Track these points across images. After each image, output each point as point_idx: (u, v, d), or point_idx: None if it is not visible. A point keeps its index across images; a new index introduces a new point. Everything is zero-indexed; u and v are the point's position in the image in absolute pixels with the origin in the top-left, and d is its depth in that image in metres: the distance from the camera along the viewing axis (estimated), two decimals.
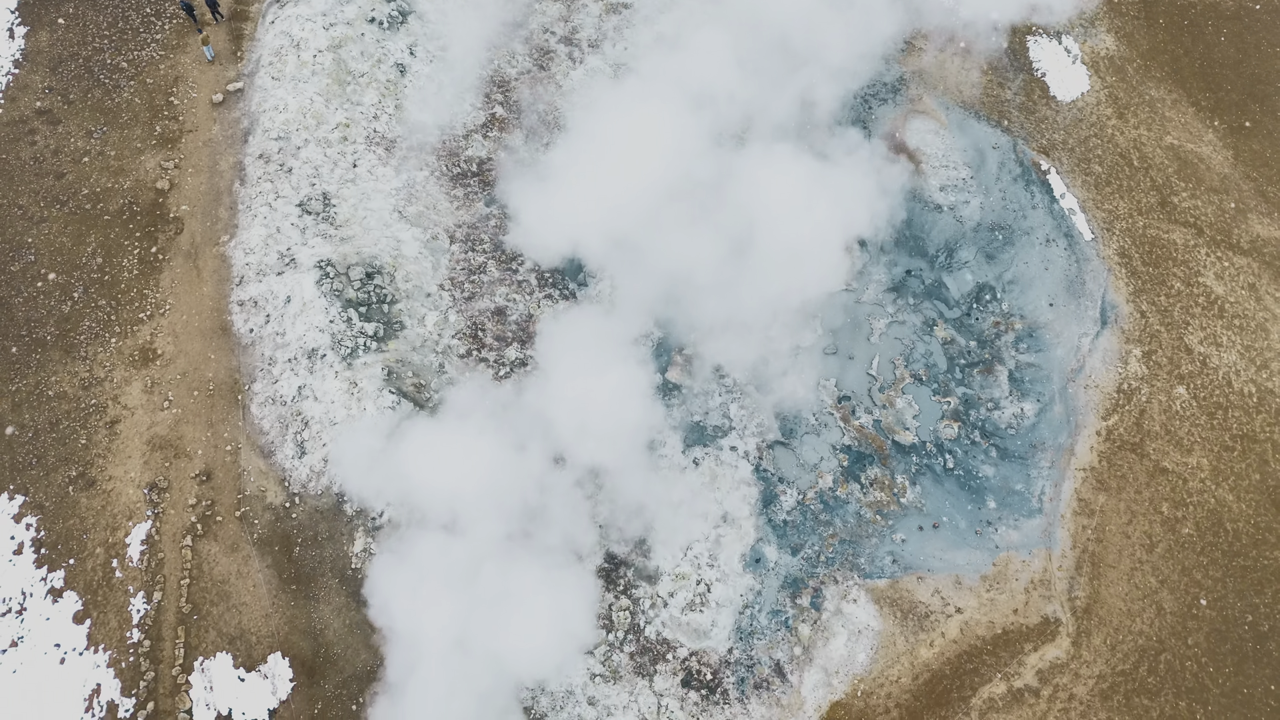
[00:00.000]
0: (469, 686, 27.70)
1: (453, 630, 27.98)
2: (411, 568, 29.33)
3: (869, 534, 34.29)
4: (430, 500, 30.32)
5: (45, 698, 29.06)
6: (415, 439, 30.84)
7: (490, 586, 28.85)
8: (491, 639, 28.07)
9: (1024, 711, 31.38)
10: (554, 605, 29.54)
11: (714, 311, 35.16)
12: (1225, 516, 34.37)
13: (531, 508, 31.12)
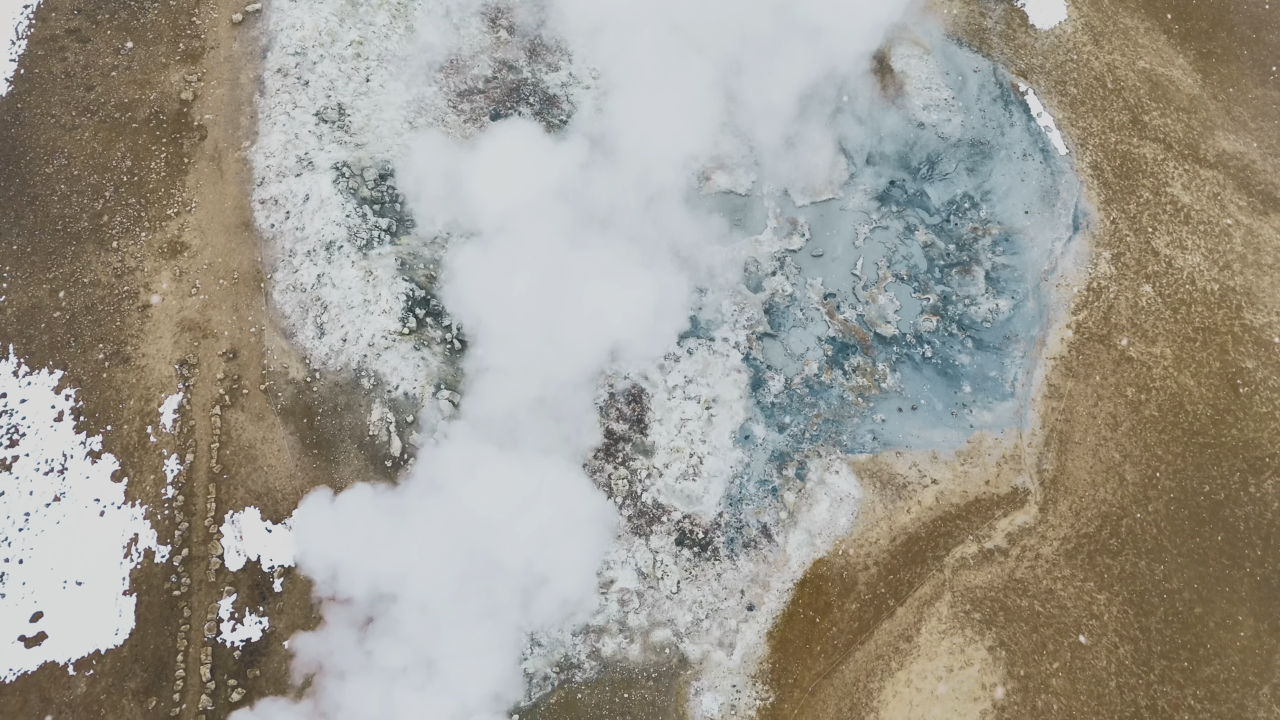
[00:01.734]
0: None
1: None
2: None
3: (851, 415, 38.87)
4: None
5: (87, 546, 33.50)
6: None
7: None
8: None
9: (994, 569, 35.89)
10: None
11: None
12: (1186, 399, 38.98)
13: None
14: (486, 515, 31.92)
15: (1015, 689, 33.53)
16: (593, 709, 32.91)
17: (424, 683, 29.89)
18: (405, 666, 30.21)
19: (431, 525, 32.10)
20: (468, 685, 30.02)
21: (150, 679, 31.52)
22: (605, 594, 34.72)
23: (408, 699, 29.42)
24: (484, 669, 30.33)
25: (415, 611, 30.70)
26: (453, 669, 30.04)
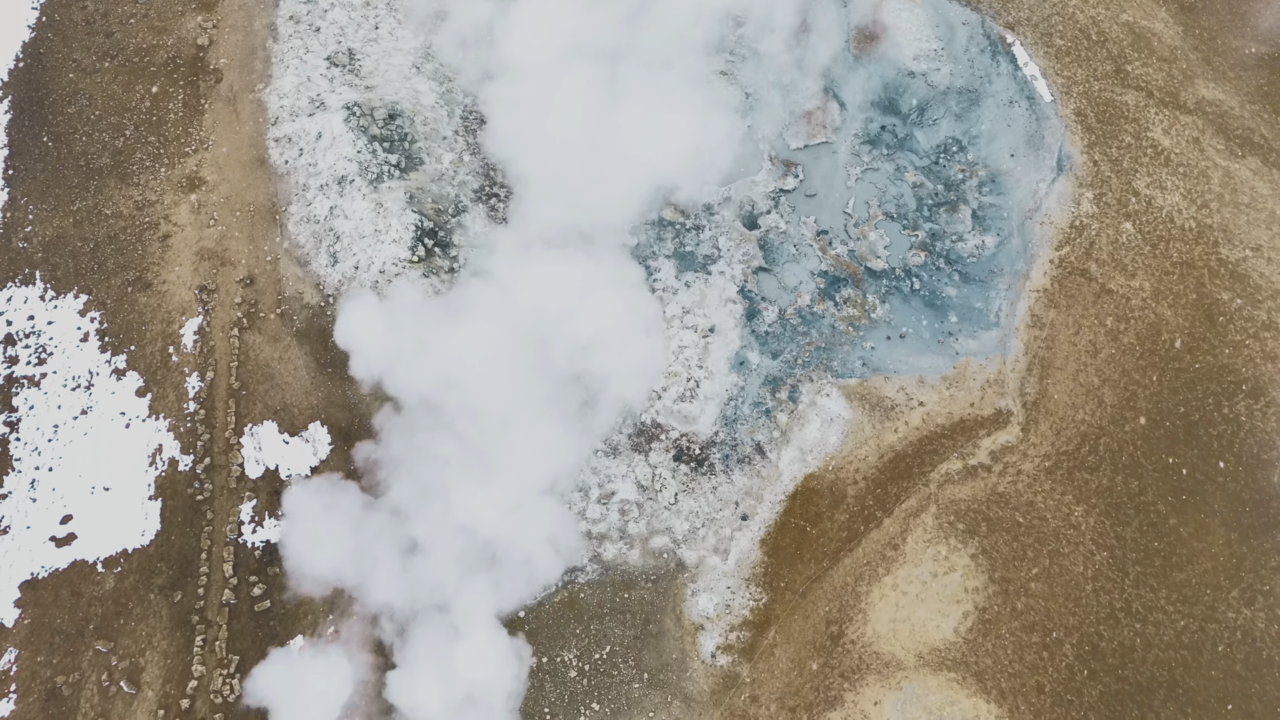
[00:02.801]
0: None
1: None
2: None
3: (842, 342, 42.03)
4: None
5: (113, 455, 36.56)
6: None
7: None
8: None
9: (977, 484, 39.00)
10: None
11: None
12: (1163, 328, 42.16)
13: None
14: None
15: (996, 592, 36.58)
16: (595, 607, 35.94)
17: (481, 477, 32.50)
18: (463, 462, 32.85)
19: None
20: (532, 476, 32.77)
21: (175, 575, 34.53)
22: (606, 504, 37.78)
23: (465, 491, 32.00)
24: (549, 461, 32.99)
25: (468, 412, 33.39)
26: (515, 462, 32.90)
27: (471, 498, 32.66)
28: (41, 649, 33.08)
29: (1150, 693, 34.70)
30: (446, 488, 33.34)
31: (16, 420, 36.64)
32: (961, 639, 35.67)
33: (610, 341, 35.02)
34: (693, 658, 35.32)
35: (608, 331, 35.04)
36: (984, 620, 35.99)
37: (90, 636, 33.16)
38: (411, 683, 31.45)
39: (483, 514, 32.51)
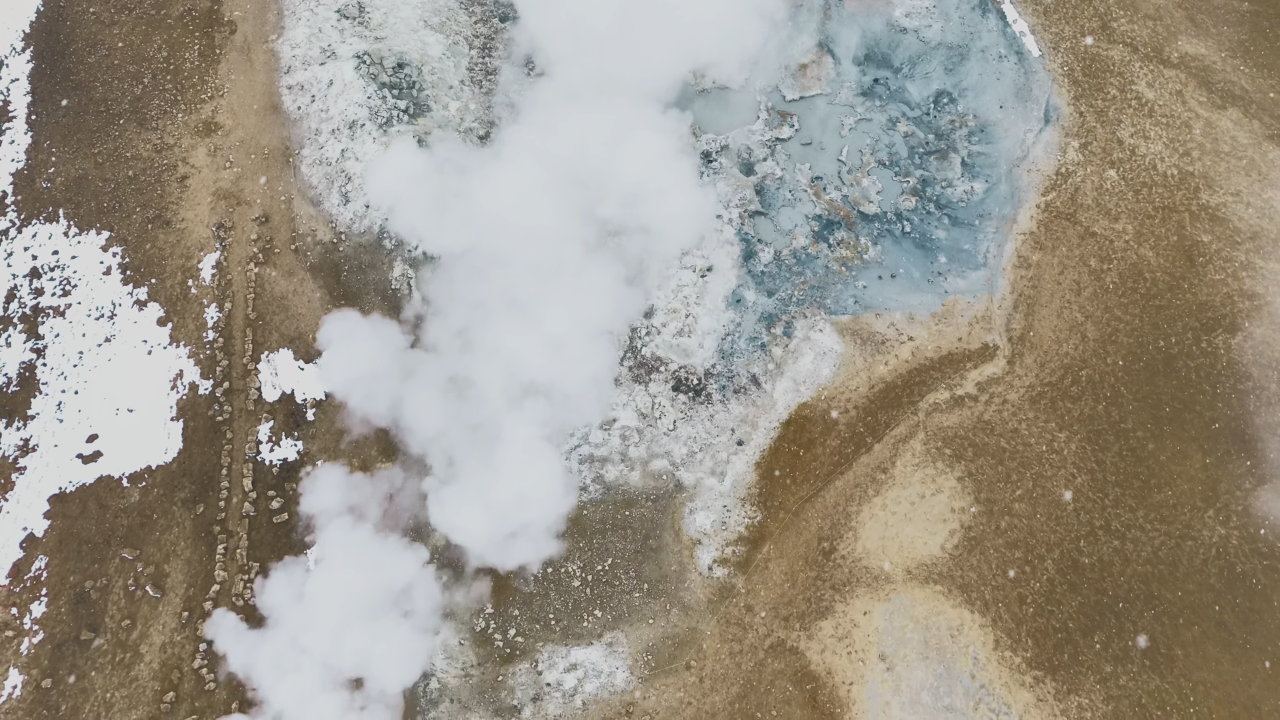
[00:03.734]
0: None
1: None
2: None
3: (835, 282, 44.91)
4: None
5: (136, 379, 39.37)
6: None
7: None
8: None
9: (963, 412, 41.83)
10: None
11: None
12: (1145, 269, 45.05)
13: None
14: None
15: (981, 512, 39.40)
16: (597, 523, 38.73)
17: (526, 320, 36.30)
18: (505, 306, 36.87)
19: None
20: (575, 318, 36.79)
21: (197, 490, 37.33)
22: (608, 430, 40.59)
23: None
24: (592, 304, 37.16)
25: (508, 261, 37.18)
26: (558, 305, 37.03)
27: (515, 338, 35.33)
28: (70, 556, 35.83)
29: (1128, 604, 37.45)
30: (489, 330, 36.06)
31: (43, 347, 39.42)
32: (947, 555, 38.43)
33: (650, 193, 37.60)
34: (690, 570, 38.08)
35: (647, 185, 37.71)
36: (969, 538, 38.76)
37: (116, 545, 35.89)
38: (456, 503, 33.93)
39: (528, 353, 35.21)
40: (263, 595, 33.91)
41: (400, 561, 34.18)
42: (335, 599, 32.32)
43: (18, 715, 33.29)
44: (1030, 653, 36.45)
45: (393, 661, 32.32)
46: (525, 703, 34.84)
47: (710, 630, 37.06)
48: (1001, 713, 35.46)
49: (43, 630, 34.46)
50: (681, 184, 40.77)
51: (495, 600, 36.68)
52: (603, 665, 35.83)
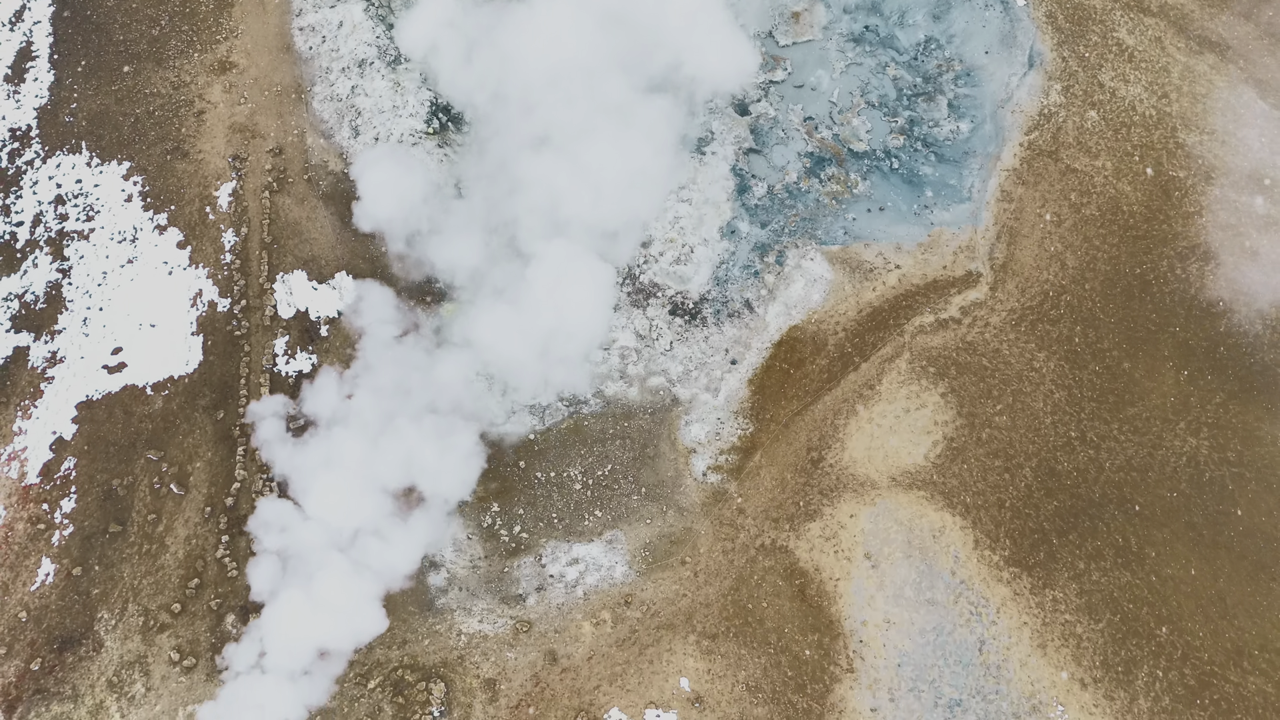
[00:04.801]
0: None
1: None
2: None
3: (825, 214, 48.35)
4: None
5: (158, 298, 42.71)
6: None
7: None
8: None
9: (948, 334, 45.23)
10: None
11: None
12: (1123, 202, 48.51)
13: None
14: None
15: (963, 425, 42.76)
16: (597, 433, 42.08)
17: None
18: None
19: None
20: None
21: (218, 397, 40.67)
22: (607, 350, 43.96)
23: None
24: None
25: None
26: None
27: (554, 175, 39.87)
28: (97, 457, 39.14)
29: (1102, 507, 40.81)
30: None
31: (69, 268, 42.80)
32: (931, 464, 41.80)
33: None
34: (686, 476, 41.42)
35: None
36: (951, 448, 42.14)
37: (142, 447, 39.20)
38: (495, 326, 38.30)
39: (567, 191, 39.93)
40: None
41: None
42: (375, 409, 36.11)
43: (50, 600, 36.53)
44: (1008, 551, 39.75)
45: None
46: (530, 592, 38.11)
47: (704, 530, 40.37)
48: (980, 606, 38.73)
49: (72, 524, 37.72)
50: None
51: (501, 500, 39.94)
52: (603, 560, 39.11)
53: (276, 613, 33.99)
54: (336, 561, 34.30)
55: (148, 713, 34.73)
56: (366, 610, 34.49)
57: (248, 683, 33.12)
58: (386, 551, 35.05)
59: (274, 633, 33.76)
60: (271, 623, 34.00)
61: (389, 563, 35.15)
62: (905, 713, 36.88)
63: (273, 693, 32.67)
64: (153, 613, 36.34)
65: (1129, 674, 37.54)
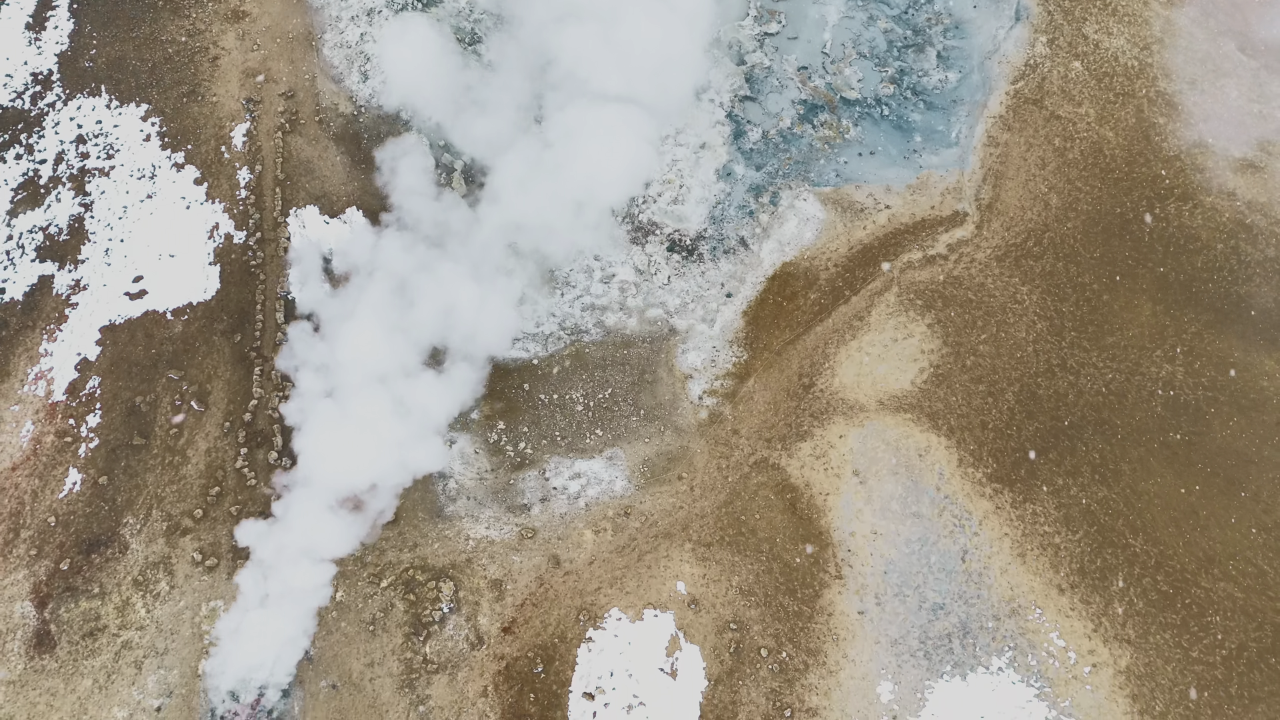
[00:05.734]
0: None
1: None
2: None
3: (818, 158, 51.44)
4: None
5: (177, 230, 45.72)
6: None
7: None
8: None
9: (935, 269, 48.30)
10: None
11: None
12: (1105, 146, 51.63)
13: None
14: None
15: (948, 353, 45.80)
16: (598, 360, 45.09)
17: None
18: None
19: None
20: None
21: (235, 322, 43.67)
22: (607, 284, 46.98)
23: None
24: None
25: None
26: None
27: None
28: (121, 376, 42.12)
29: (1080, 428, 43.83)
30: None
31: (91, 202, 45.79)
32: (917, 389, 44.83)
33: None
34: (682, 399, 44.43)
35: None
36: (937, 375, 45.17)
37: (163, 367, 42.18)
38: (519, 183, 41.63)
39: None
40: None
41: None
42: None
43: (78, 507, 39.49)
44: (990, 469, 42.77)
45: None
46: (534, 502, 41.09)
47: (700, 449, 43.37)
48: (963, 519, 41.74)
49: (98, 437, 40.68)
50: None
51: (506, 419, 42.94)
52: (603, 475, 42.11)
53: (325, 441, 37.15)
54: (381, 396, 37.37)
55: (172, 608, 37.62)
56: (423, 443, 38.30)
57: (298, 513, 35.90)
58: (427, 398, 38.55)
59: (323, 462, 36.93)
60: (321, 452, 37.15)
61: (427, 410, 38.57)
62: (891, 615, 39.80)
63: (320, 524, 35.78)
64: (175, 518, 39.25)
65: (1105, 580, 40.50)
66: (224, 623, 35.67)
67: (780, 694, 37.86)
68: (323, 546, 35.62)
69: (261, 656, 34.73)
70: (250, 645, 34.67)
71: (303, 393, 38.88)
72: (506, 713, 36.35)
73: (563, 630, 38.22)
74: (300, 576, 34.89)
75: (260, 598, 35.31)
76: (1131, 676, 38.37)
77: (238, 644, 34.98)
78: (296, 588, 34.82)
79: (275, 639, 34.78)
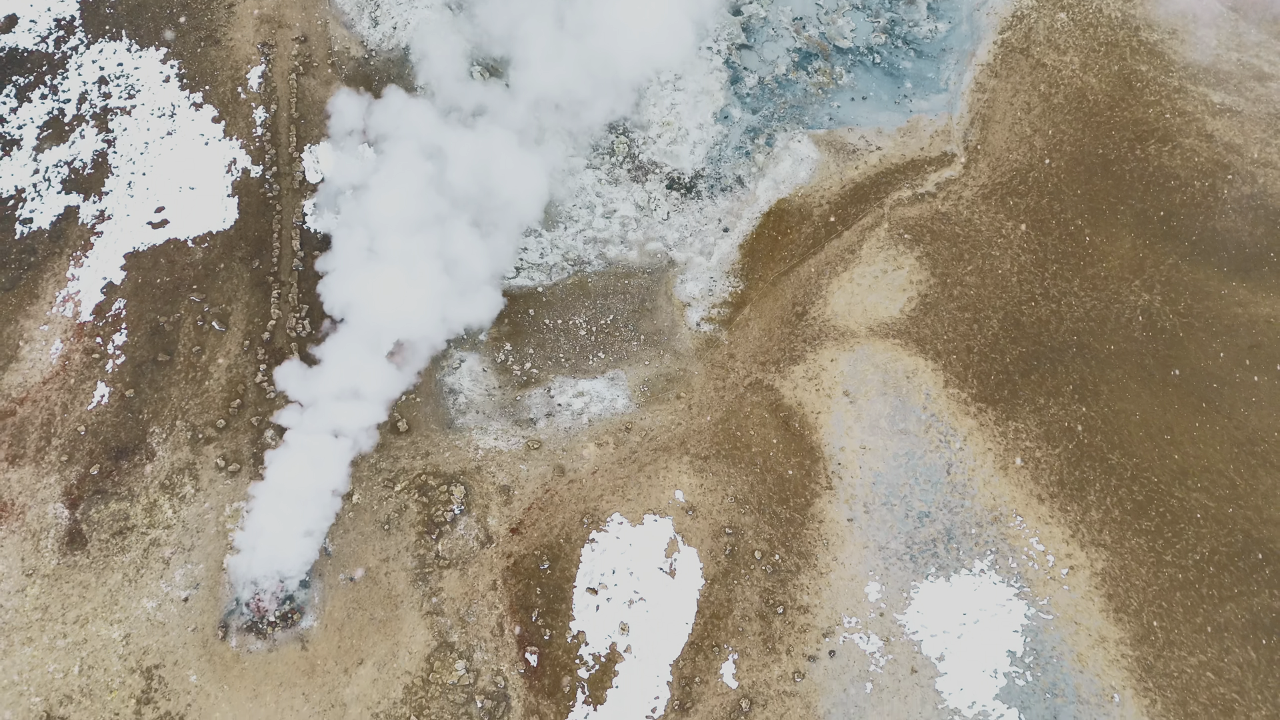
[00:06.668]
0: None
1: None
2: None
3: (812, 102, 54.72)
4: None
5: (197, 166, 48.91)
6: None
7: None
8: None
9: (924, 206, 51.56)
10: None
11: None
12: (1088, 92, 54.92)
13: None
14: None
15: (936, 284, 49.02)
16: (600, 289, 48.31)
17: None
18: None
19: None
20: None
21: (253, 249, 46.87)
22: (609, 219, 50.21)
23: None
24: None
25: None
26: None
27: None
28: (145, 299, 45.29)
29: (1061, 352, 47.04)
30: None
31: (113, 139, 49.00)
32: (906, 316, 48.05)
33: None
34: (681, 325, 47.64)
35: None
36: (925, 304, 48.40)
37: (185, 290, 45.37)
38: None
39: None
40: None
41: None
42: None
43: (106, 417, 42.64)
44: (975, 389, 45.98)
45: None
46: (540, 417, 44.27)
47: (698, 371, 46.57)
48: (949, 434, 44.93)
49: (124, 354, 43.84)
50: None
51: (513, 340, 46.14)
52: (606, 394, 45.29)
53: (366, 285, 41.18)
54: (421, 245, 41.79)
55: (197, 509, 40.76)
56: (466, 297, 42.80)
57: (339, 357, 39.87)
58: (467, 252, 43.17)
59: (371, 307, 40.74)
60: (362, 295, 40.99)
61: (469, 264, 43.45)
62: (878, 522, 42.97)
63: (369, 371, 40.07)
64: (199, 428, 42.40)
65: (1082, 491, 43.69)
66: (248, 517, 38.74)
67: (773, 593, 41.00)
68: (364, 386, 38.86)
69: (283, 549, 37.78)
70: (272, 539, 37.70)
71: (341, 247, 42.92)
72: (515, 603, 39.47)
73: (567, 532, 41.37)
74: (342, 415, 38.41)
75: (289, 477, 38.16)
76: (1107, 578, 41.50)
77: (261, 538, 38.02)
78: (340, 425, 38.10)
79: (296, 531, 37.82)
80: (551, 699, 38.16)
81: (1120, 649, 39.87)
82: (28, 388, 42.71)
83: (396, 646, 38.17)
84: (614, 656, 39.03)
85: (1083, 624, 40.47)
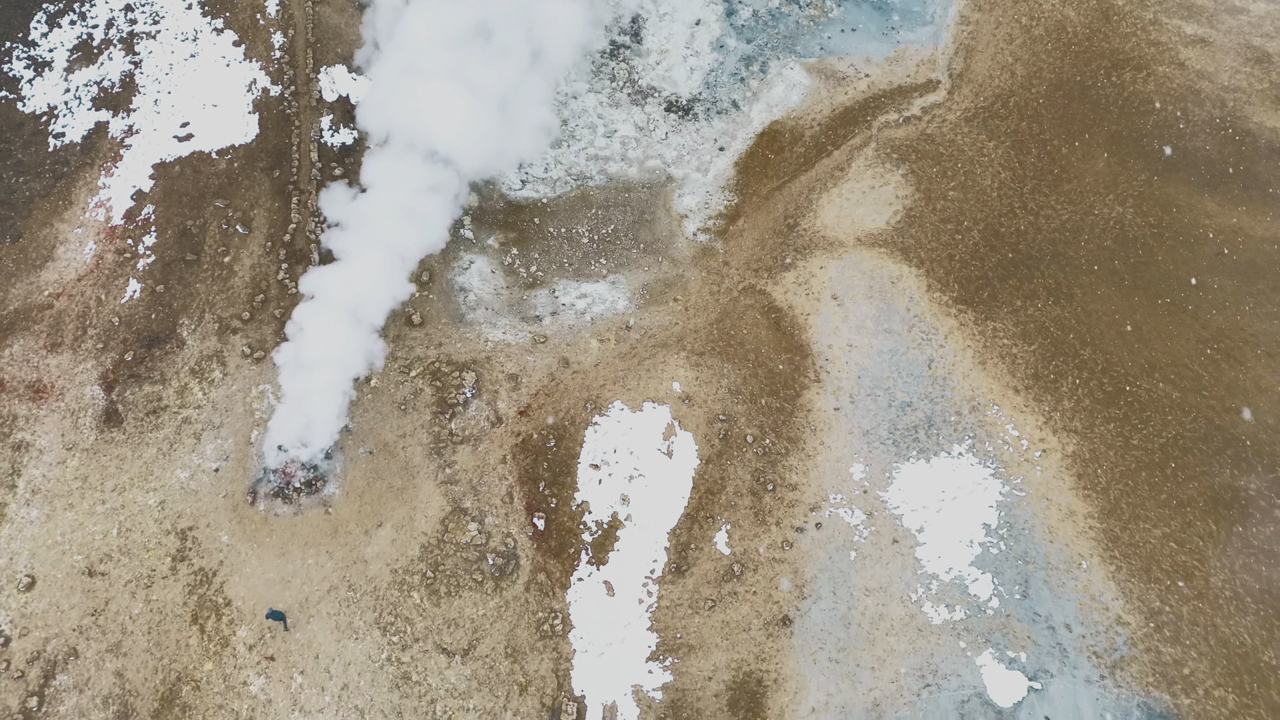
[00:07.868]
0: None
1: None
2: None
3: (804, 33, 59.07)
4: None
5: (219, 86, 53.18)
6: None
7: None
8: None
9: (909, 128, 55.88)
10: None
11: None
12: (1067, 24, 59.29)
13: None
14: None
15: (920, 198, 53.33)
16: (602, 201, 52.58)
17: None
18: None
19: None
20: None
21: (274, 161, 51.13)
22: (610, 139, 54.48)
23: None
24: None
25: None
26: None
27: None
28: (172, 205, 49.52)
29: (1038, 259, 51.33)
30: None
31: (140, 61, 53.26)
32: (891, 228, 52.34)
33: None
34: (678, 235, 51.91)
35: None
36: (910, 216, 52.70)
37: (210, 197, 49.61)
38: None
39: None
40: None
41: None
42: None
43: (138, 310, 46.83)
44: (956, 293, 50.24)
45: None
46: (545, 315, 48.49)
47: (694, 276, 50.83)
48: (930, 333, 49.18)
49: (154, 254, 48.05)
50: None
51: (519, 246, 50.38)
52: (607, 295, 49.53)
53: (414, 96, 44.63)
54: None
55: (225, 391, 44.95)
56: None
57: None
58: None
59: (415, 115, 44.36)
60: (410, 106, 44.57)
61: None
62: (863, 411, 47.18)
63: (392, 226, 43.61)
64: (226, 320, 46.61)
65: (1055, 383, 47.92)
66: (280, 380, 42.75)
67: (763, 472, 45.20)
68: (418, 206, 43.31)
69: (307, 420, 41.94)
70: (296, 412, 41.83)
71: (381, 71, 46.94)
72: (523, 476, 43.66)
73: (571, 416, 45.57)
74: (388, 229, 42.67)
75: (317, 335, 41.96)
76: (1077, 460, 45.72)
77: (286, 412, 42.16)
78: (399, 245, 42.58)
79: (319, 406, 41.97)
80: (558, 559, 42.33)
81: (1089, 522, 44.04)
82: (64, 284, 46.89)
83: (413, 511, 42.33)
84: (615, 524, 43.20)
85: (1053, 500, 44.64)
